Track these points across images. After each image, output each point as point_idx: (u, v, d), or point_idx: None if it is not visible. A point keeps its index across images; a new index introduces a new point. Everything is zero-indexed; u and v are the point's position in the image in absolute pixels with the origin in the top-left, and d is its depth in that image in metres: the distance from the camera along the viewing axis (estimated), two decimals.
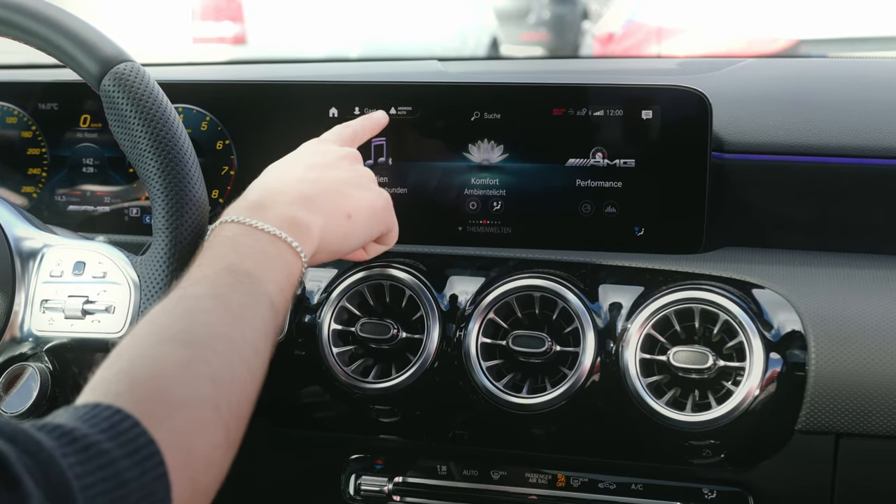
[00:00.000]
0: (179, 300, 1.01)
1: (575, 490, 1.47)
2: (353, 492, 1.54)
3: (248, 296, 1.04)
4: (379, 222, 1.28)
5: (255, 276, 1.06)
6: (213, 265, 1.06)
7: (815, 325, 1.32)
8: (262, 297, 1.05)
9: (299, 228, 1.13)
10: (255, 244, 1.09)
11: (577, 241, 1.47)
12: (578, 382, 1.36)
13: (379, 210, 1.28)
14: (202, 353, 0.95)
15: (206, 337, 0.97)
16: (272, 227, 1.11)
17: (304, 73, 2.15)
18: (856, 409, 1.29)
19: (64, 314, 1.26)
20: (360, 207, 1.23)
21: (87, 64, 1.23)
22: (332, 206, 1.20)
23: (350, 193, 1.23)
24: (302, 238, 1.13)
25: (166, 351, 0.94)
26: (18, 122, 1.67)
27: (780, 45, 4.11)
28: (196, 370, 0.93)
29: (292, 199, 1.16)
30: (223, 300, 1.02)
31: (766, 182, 1.46)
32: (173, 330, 0.97)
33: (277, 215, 1.13)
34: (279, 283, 1.08)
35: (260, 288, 1.06)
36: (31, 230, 1.32)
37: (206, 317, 0.99)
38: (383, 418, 1.49)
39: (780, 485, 1.40)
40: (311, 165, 1.24)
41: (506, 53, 10.92)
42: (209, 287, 1.03)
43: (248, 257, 1.08)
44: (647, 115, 1.43)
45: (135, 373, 0.91)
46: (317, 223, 1.16)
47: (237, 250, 1.08)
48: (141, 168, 1.22)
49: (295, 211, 1.14)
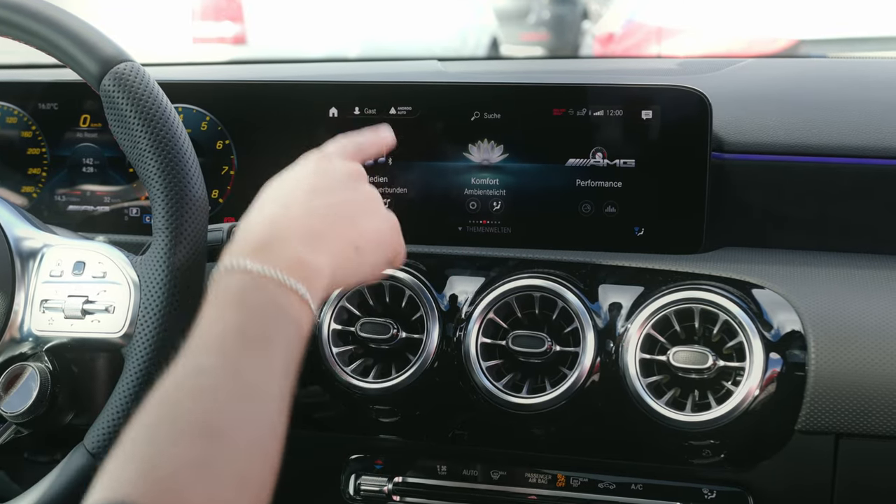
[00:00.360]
0: (190, 376, 0.96)
1: (575, 490, 1.47)
2: (353, 492, 1.54)
3: (261, 365, 0.99)
4: (387, 249, 1.23)
5: (266, 338, 1.01)
6: (222, 325, 1.01)
7: (814, 325, 1.32)
8: (275, 363, 1.00)
9: (308, 272, 1.08)
10: (264, 297, 1.04)
11: (576, 241, 1.47)
12: (578, 382, 1.36)
13: (386, 238, 1.23)
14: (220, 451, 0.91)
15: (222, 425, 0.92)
16: (280, 273, 1.04)
17: (303, 72, 2.15)
18: (856, 410, 1.29)
19: (64, 314, 1.26)
20: (368, 238, 1.18)
21: (87, 64, 1.23)
22: (340, 241, 1.14)
23: (358, 222, 1.17)
24: (311, 283, 1.07)
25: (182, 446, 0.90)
26: (18, 122, 1.67)
27: (780, 46, 4.11)
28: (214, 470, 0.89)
29: (300, 237, 1.10)
30: (236, 374, 0.97)
31: (766, 182, 1.46)
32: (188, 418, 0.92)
33: (285, 258, 1.07)
34: (290, 341, 1.03)
35: (272, 352, 1.00)
36: (31, 230, 1.32)
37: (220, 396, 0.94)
38: (383, 418, 1.49)
39: (779, 485, 1.40)
40: (315, 189, 1.17)
41: (506, 53, 10.92)
42: (220, 358, 0.98)
43: (257, 316, 1.02)
44: (647, 115, 1.43)
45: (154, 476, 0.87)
46: (326, 264, 1.11)
47: (246, 307, 1.03)
48: (141, 168, 1.22)
49: (303, 252, 1.09)
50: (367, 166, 1.36)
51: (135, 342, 1.19)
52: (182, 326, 1.19)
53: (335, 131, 1.50)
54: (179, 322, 1.19)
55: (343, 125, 1.51)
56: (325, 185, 1.18)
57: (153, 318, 1.18)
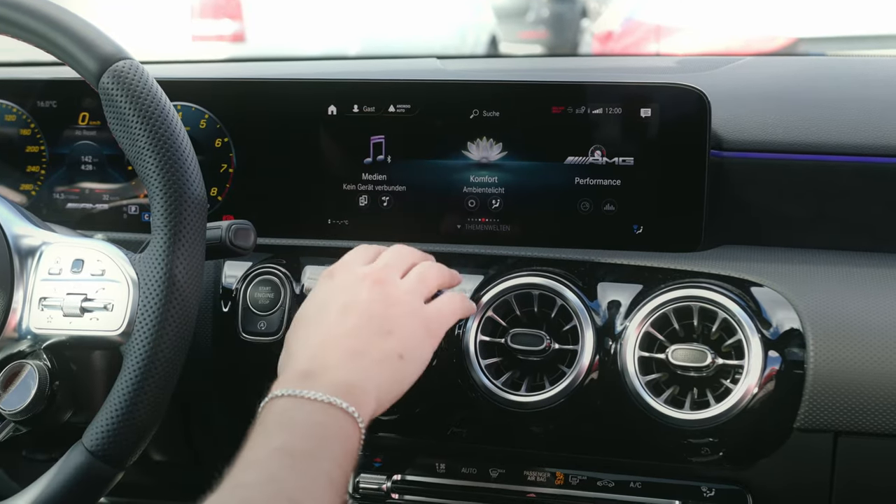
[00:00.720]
0: (233, 490, 0.97)
1: (574, 488, 1.47)
2: (352, 490, 1.54)
3: (304, 478, 0.99)
4: (430, 340, 1.24)
5: (310, 454, 1.01)
6: (265, 447, 1.02)
7: (813, 323, 1.32)
8: (319, 477, 1.00)
9: (354, 392, 1.09)
10: (309, 417, 1.05)
11: (575, 238, 1.47)
12: (577, 380, 1.36)
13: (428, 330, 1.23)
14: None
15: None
16: (325, 395, 1.06)
17: (302, 70, 2.15)
18: (854, 408, 1.29)
19: (62, 312, 1.26)
20: (408, 342, 1.19)
21: (85, 61, 1.23)
22: (381, 355, 1.15)
23: (394, 329, 1.18)
24: (358, 402, 1.08)
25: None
26: (17, 120, 1.66)
27: (778, 44, 4.11)
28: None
29: (341, 360, 1.12)
30: (278, 486, 0.97)
31: (765, 180, 1.46)
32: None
33: (329, 382, 1.08)
34: (336, 457, 1.04)
35: (316, 466, 1.01)
36: (30, 228, 1.32)
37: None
38: (382, 416, 1.48)
39: (778, 483, 1.40)
40: (346, 307, 1.18)
41: (505, 51, 10.91)
42: (262, 472, 0.99)
43: (301, 434, 1.03)
44: (646, 113, 1.43)
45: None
46: (371, 381, 1.12)
47: (290, 427, 1.04)
48: (140, 166, 1.21)
49: (346, 374, 1.10)
50: (366, 164, 1.36)
51: (133, 340, 1.19)
52: (181, 324, 1.19)
53: (334, 129, 1.50)
54: (178, 320, 1.19)
55: (342, 123, 1.51)
56: (353, 300, 1.19)
57: (152, 316, 1.18)
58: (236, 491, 0.96)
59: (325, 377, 1.09)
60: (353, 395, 1.08)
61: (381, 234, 1.48)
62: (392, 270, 1.26)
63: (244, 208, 1.56)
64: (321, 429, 1.04)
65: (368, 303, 1.19)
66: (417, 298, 1.25)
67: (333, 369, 1.10)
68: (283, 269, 1.49)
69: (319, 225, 1.53)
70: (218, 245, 1.30)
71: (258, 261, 1.51)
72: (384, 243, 1.38)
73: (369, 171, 1.52)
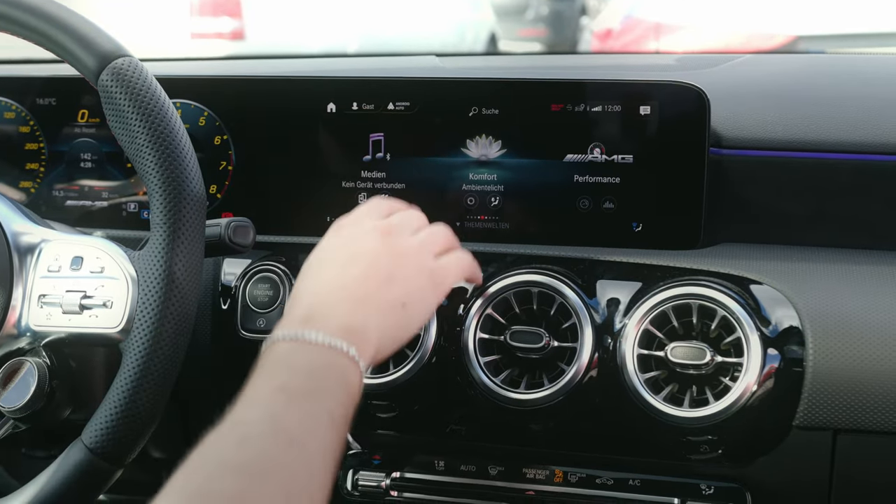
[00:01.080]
0: (233, 426, 0.97)
1: (573, 485, 1.47)
2: (351, 487, 1.54)
3: (304, 416, 0.99)
4: (435, 292, 1.23)
5: (310, 393, 1.02)
6: (266, 386, 1.02)
7: (812, 320, 1.32)
8: (320, 416, 1.00)
9: (354, 335, 1.08)
10: (310, 359, 1.05)
11: (574, 236, 1.47)
12: (576, 378, 1.36)
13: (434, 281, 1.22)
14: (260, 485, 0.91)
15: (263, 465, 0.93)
16: (326, 337, 1.06)
17: (301, 68, 2.15)
18: (853, 405, 1.30)
19: (62, 309, 1.26)
20: (412, 291, 1.18)
21: (84, 59, 1.23)
22: (383, 301, 1.15)
23: (398, 278, 1.17)
24: (359, 344, 1.08)
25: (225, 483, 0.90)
26: (16, 117, 1.67)
27: (778, 41, 4.11)
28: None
29: (343, 305, 1.11)
30: (278, 423, 0.97)
31: (764, 178, 1.46)
32: (228, 459, 0.93)
33: (330, 325, 1.08)
34: (337, 397, 1.04)
35: (317, 406, 1.01)
36: (29, 225, 1.32)
37: (261, 442, 0.95)
38: (381, 413, 1.49)
39: (777, 480, 1.40)
40: (351, 256, 1.18)
41: (504, 49, 10.92)
42: (263, 410, 0.99)
43: (302, 374, 1.03)
44: (645, 110, 1.43)
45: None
46: (372, 325, 1.12)
47: (290, 367, 1.04)
48: (139, 163, 1.21)
49: (347, 318, 1.10)
50: (365, 161, 1.36)
51: (132, 337, 1.19)
52: (180, 321, 1.19)
53: (333, 126, 1.50)
54: (177, 317, 1.19)
55: (341, 120, 1.51)
56: (359, 250, 1.18)
57: (151, 314, 1.18)
58: (236, 427, 0.97)
59: (327, 321, 1.08)
60: (355, 339, 1.08)
61: None
62: (403, 226, 1.25)
63: (243, 206, 1.56)
64: (322, 370, 1.04)
65: (375, 252, 1.18)
66: (425, 253, 1.24)
67: (335, 314, 1.10)
68: (282, 266, 1.49)
69: (318, 222, 1.53)
70: (217, 242, 1.30)
71: (257, 258, 1.51)
72: None
73: (368, 169, 1.52)
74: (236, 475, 0.91)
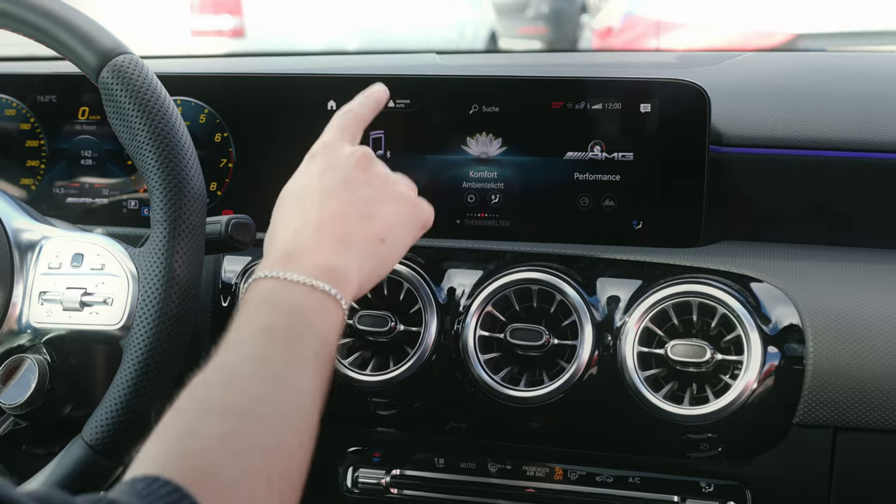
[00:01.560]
0: (218, 368, 0.98)
1: (572, 483, 1.47)
2: (351, 484, 1.54)
3: (289, 354, 1.00)
4: (412, 227, 1.24)
5: (294, 332, 1.03)
6: (250, 326, 1.03)
7: (812, 318, 1.32)
8: (304, 353, 1.01)
9: (336, 274, 1.09)
10: (292, 298, 1.06)
11: (575, 234, 1.47)
12: (576, 376, 1.36)
13: (410, 216, 1.23)
14: (247, 423, 0.92)
15: (249, 404, 0.94)
16: (307, 277, 1.07)
17: (302, 65, 2.15)
18: (853, 403, 1.30)
19: (62, 306, 1.26)
20: (391, 226, 1.19)
21: (85, 56, 1.23)
22: (363, 238, 1.15)
23: (377, 212, 1.18)
24: (340, 284, 1.09)
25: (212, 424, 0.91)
26: (17, 114, 1.67)
27: (778, 39, 4.11)
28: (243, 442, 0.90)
29: (322, 242, 1.12)
30: (263, 362, 0.98)
31: (765, 176, 1.46)
32: (215, 401, 0.94)
33: (311, 264, 1.09)
34: (320, 334, 1.04)
35: (301, 343, 1.02)
36: (30, 222, 1.32)
37: (246, 382, 0.96)
38: (381, 411, 1.49)
39: (777, 478, 1.40)
40: (329, 190, 1.17)
41: (504, 47, 10.91)
42: (248, 350, 1.00)
43: (285, 313, 1.04)
44: (646, 108, 1.43)
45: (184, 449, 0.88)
46: (353, 263, 1.12)
47: (273, 307, 1.05)
48: (139, 160, 1.21)
49: (328, 257, 1.11)
50: None
51: (133, 334, 1.19)
52: (180, 318, 1.19)
53: None
54: (177, 315, 1.19)
55: None
56: (337, 181, 1.18)
57: (151, 311, 1.18)
58: (221, 368, 0.97)
59: (307, 260, 1.09)
60: (335, 277, 1.09)
61: None
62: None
63: (243, 203, 1.56)
64: (304, 309, 1.05)
65: (352, 184, 1.19)
66: (402, 182, 1.25)
67: (315, 252, 1.11)
68: None
69: None
70: (217, 240, 1.30)
71: (258, 255, 1.51)
72: None
73: None
74: (223, 415, 0.92)
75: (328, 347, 1.05)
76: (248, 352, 1.00)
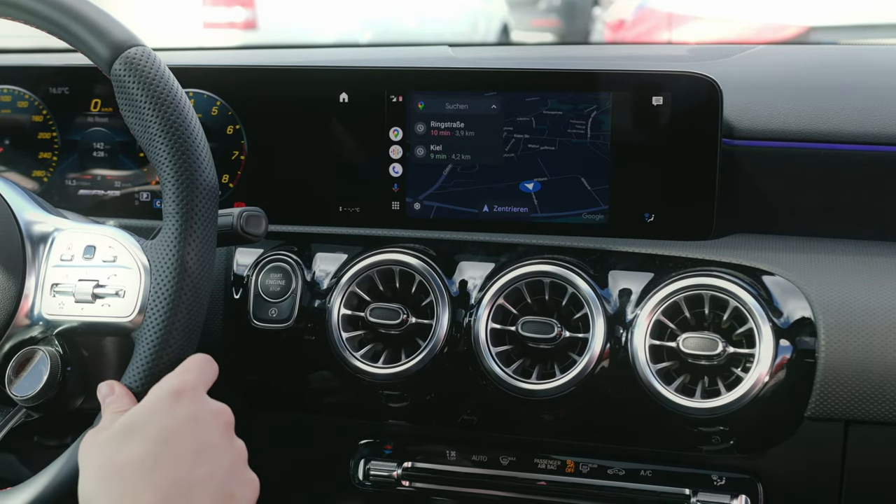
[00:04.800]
0: None
1: (584, 476, 1.47)
2: (363, 477, 1.54)
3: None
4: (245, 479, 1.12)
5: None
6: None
7: (824, 311, 1.32)
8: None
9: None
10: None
11: (586, 226, 1.46)
12: (588, 368, 1.36)
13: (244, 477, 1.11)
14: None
15: None
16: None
17: (314, 58, 2.15)
18: (865, 396, 1.29)
19: (74, 298, 1.26)
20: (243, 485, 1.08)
21: (98, 48, 1.23)
22: None
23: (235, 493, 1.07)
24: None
25: None
26: (30, 106, 1.67)
27: (790, 32, 4.10)
28: None
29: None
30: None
31: (777, 169, 1.46)
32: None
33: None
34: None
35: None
36: (42, 214, 1.33)
37: None
38: (392, 403, 1.49)
39: (789, 471, 1.40)
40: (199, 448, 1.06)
41: (516, 39, 10.91)
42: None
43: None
44: (658, 101, 1.43)
45: None
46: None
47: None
48: (151, 152, 1.21)
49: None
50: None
51: (145, 326, 1.19)
52: (192, 310, 1.19)
53: (345, 116, 1.50)
54: (189, 307, 1.19)
55: (353, 110, 1.51)
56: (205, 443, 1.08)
57: (163, 303, 1.18)
58: None
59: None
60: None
61: (391, 222, 1.50)
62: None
63: (255, 195, 1.56)
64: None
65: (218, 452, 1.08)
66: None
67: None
68: (294, 256, 1.50)
69: (330, 212, 1.53)
70: (229, 232, 1.30)
71: (269, 248, 1.51)
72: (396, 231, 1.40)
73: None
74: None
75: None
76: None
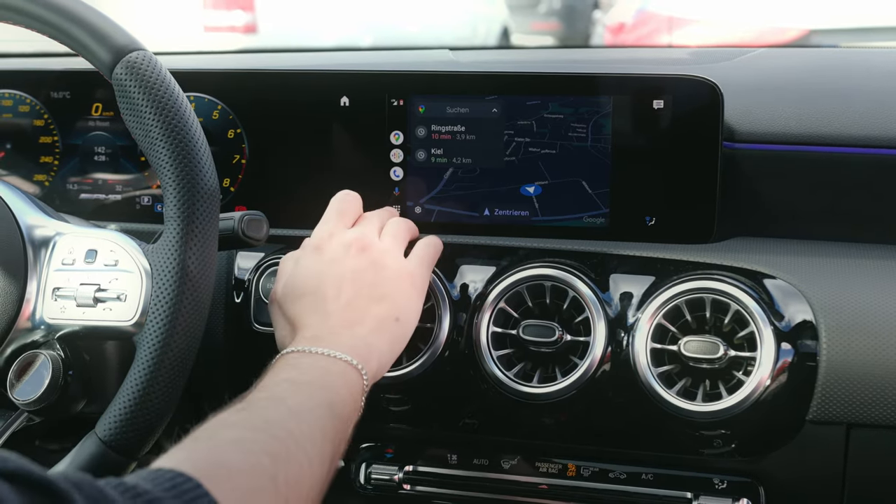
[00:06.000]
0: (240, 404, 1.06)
1: (585, 479, 1.47)
2: (364, 480, 1.54)
3: (305, 398, 1.09)
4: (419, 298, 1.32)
5: (314, 385, 1.11)
6: (274, 378, 1.12)
7: (826, 315, 1.32)
8: (320, 400, 1.09)
9: (359, 351, 1.18)
10: (316, 363, 1.15)
11: (587, 230, 1.46)
12: (589, 372, 1.36)
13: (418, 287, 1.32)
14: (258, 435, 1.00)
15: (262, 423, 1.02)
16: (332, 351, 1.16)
17: (315, 61, 2.15)
18: (867, 400, 1.29)
19: (76, 302, 1.26)
20: (401, 306, 1.28)
21: (99, 52, 1.23)
22: (379, 321, 1.24)
23: (386, 294, 1.27)
24: (365, 360, 1.18)
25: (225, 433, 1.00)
26: (31, 111, 1.67)
27: (791, 35, 4.10)
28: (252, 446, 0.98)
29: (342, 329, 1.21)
30: (281, 401, 1.07)
31: (778, 172, 1.46)
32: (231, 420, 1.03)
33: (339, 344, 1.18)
34: (339, 392, 1.13)
35: (318, 393, 1.10)
36: (44, 218, 1.33)
37: (263, 411, 1.05)
38: (394, 407, 1.49)
39: (790, 475, 1.40)
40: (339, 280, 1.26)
41: (517, 43, 10.91)
42: (268, 393, 1.09)
43: (307, 372, 1.13)
44: (659, 104, 1.43)
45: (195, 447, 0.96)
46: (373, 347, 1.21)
47: (297, 367, 1.14)
48: (153, 156, 1.21)
49: (349, 340, 1.19)
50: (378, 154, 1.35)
51: (146, 330, 1.19)
52: (193, 315, 1.19)
53: (346, 120, 1.50)
54: (191, 311, 1.19)
55: (354, 114, 1.51)
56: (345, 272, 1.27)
57: (164, 307, 1.18)
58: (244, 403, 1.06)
59: (330, 342, 1.18)
60: (357, 354, 1.18)
61: None
62: (369, 232, 1.33)
63: (256, 199, 1.57)
64: (327, 371, 1.14)
65: (358, 274, 1.27)
66: (398, 256, 1.33)
67: (336, 336, 1.19)
68: None
69: None
70: (230, 236, 1.30)
71: (270, 252, 1.52)
72: None
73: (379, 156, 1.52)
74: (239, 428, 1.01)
75: (346, 407, 1.13)
76: (268, 393, 1.09)
